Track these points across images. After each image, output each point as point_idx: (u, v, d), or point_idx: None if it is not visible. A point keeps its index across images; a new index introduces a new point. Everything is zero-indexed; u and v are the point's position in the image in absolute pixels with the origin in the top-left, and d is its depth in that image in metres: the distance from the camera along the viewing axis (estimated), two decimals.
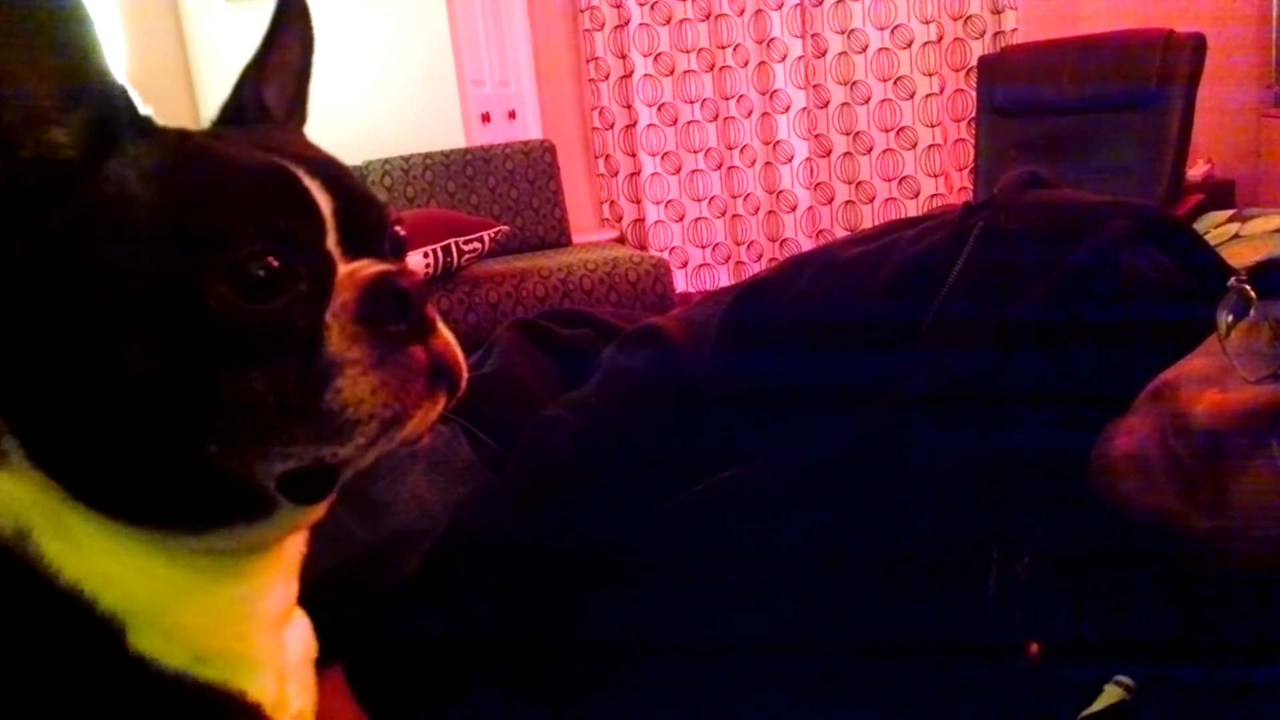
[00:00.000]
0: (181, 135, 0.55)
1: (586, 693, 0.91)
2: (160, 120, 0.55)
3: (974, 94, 3.96)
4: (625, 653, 0.90)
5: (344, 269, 0.54)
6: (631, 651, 0.89)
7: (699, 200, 5.19)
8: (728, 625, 0.88)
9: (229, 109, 0.63)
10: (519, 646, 0.90)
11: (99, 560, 0.53)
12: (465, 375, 0.57)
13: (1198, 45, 3.10)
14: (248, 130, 0.61)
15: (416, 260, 3.14)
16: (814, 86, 4.97)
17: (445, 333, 0.56)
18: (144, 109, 0.54)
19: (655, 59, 5.03)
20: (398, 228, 0.60)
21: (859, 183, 5.04)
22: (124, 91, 0.53)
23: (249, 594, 0.59)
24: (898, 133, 4.96)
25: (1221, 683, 0.77)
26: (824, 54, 4.93)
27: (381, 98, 4.05)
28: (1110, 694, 0.78)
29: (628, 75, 5.03)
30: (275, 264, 0.50)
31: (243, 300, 0.49)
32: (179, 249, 0.49)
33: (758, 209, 5.17)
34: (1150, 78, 3.14)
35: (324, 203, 0.54)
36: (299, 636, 0.66)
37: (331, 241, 0.54)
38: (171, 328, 0.49)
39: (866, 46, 4.90)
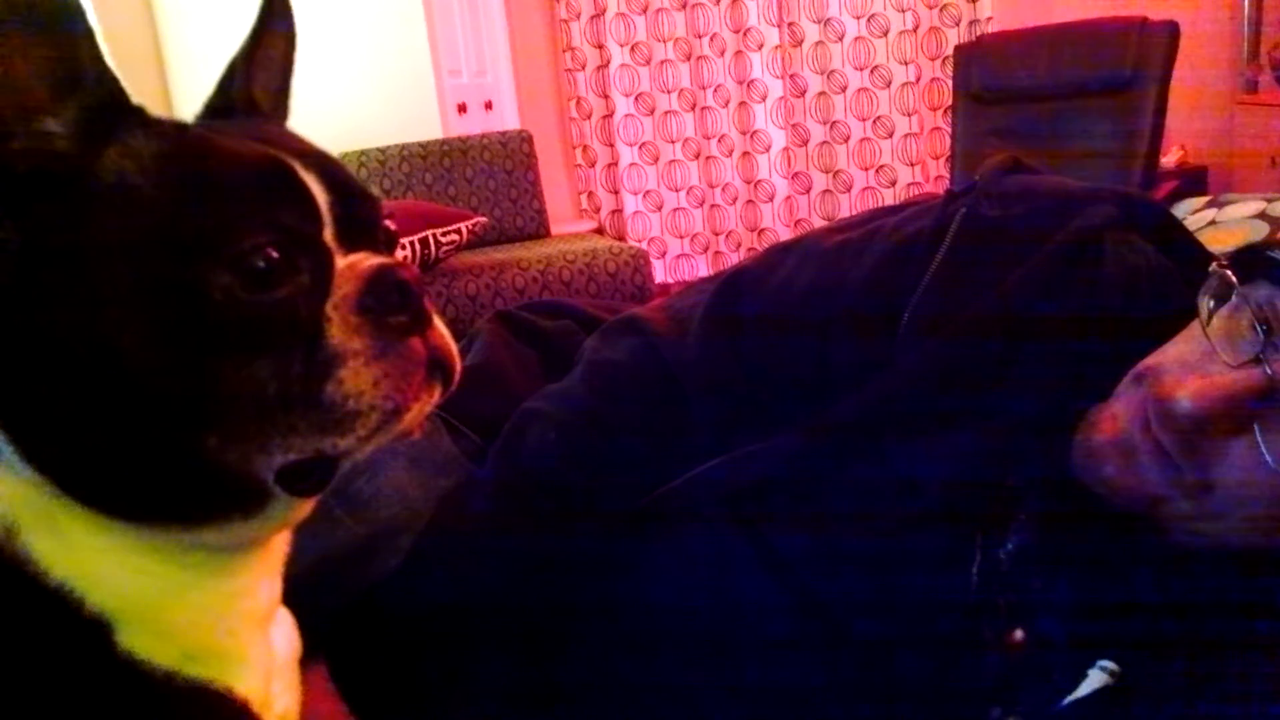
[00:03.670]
0: (179, 127, 0.55)
1: (573, 691, 0.91)
2: None
3: (950, 82, 3.97)
4: (611, 649, 0.89)
5: (343, 261, 0.54)
6: (617, 647, 0.89)
7: (677, 190, 5.18)
8: (711, 620, 0.88)
9: (216, 102, 0.63)
10: (504, 643, 0.90)
11: (88, 558, 0.52)
12: (459, 368, 0.57)
13: (1171, 32, 3.12)
14: (239, 124, 0.60)
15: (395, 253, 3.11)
16: (791, 76, 4.97)
17: (440, 325, 0.56)
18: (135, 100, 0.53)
19: (632, 48, 5.01)
20: (388, 222, 0.60)
21: (836, 172, 5.05)
22: (118, 82, 0.52)
23: (238, 591, 0.59)
24: (874, 121, 4.97)
25: (1205, 667, 0.78)
26: (801, 43, 4.93)
27: (357, 89, 4.01)
28: (1095, 679, 0.79)
29: (604, 65, 5.01)
30: (276, 256, 0.50)
31: (245, 291, 0.49)
32: (182, 239, 0.49)
33: (736, 199, 5.16)
34: (1125, 65, 3.16)
35: (320, 196, 0.54)
36: (284, 635, 0.66)
37: (329, 234, 0.54)
38: (173, 318, 0.49)
39: (843, 35, 4.90)
